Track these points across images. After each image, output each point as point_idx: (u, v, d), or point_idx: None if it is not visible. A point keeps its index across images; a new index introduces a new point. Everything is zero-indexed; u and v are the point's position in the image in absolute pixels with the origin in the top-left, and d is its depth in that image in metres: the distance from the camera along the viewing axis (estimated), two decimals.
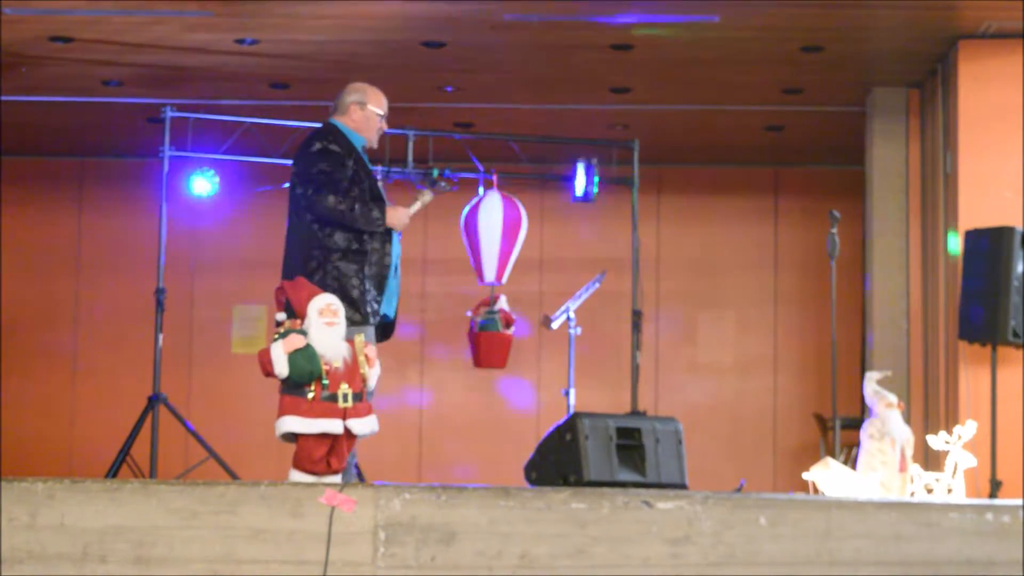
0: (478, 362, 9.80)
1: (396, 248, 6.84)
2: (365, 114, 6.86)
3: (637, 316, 9.22)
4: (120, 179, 13.04)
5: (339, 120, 6.88)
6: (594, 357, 12.00)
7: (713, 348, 13.01)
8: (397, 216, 6.78)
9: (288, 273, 6.71)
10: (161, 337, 8.87)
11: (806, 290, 12.81)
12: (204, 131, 9.79)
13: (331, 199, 6.61)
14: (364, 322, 6.63)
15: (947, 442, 7.16)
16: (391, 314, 6.86)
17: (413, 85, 10.35)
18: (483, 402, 12.92)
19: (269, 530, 4.85)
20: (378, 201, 6.77)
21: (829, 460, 6.97)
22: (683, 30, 9.26)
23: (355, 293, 6.62)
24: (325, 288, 6.56)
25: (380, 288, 6.72)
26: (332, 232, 6.66)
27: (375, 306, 6.69)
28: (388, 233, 6.75)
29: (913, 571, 4.88)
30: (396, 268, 6.83)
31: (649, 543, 4.87)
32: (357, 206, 6.64)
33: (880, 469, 6.81)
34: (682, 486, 6.22)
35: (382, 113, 6.91)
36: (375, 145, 6.93)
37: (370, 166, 6.91)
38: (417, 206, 6.92)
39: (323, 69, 10.19)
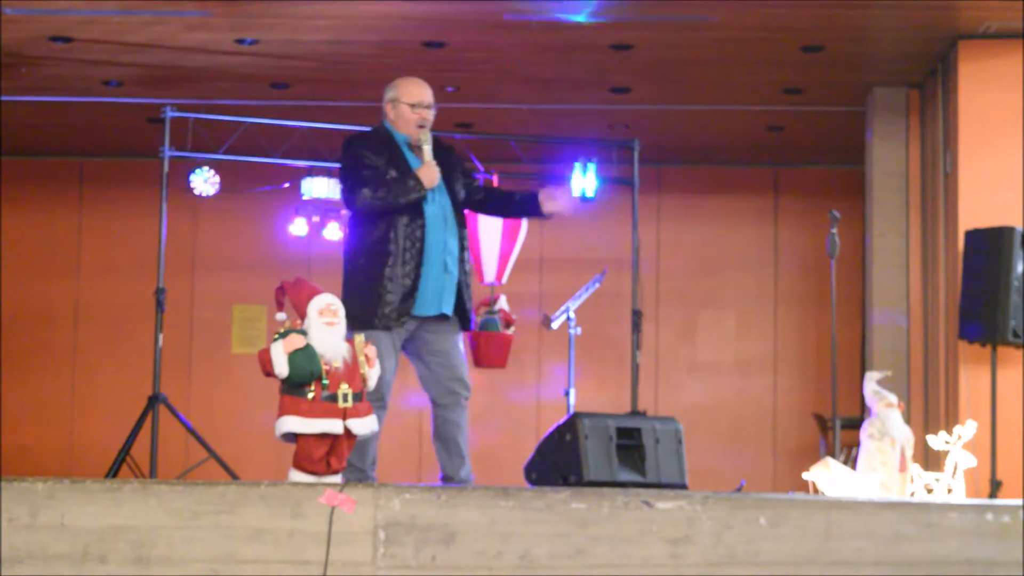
0: (478, 362, 9.80)
1: (436, 243, 6.65)
2: (398, 110, 6.79)
3: (637, 316, 9.21)
4: (120, 179, 13.04)
5: (385, 120, 6.84)
6: (594, 357, 12.00)
7: (713, 348, 13.01)
8: (427, 172, 6.66)
9: (344, 278, 6.71)
10: (161, 337, 8.86)
11: (806, 290, 12.81)
12: (204, 131, 9.78)
13: (366, 192, 6.56)
14: (376, 327, 6.51)
15: (947, 442, 7.15)
16: (448, 311, 6.68)
17: None
18: (483, 402, 12.92)
19: (269, 530, 4.85)
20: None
21: (829, 460, 6.97)
22: (683, 30, 9.26)
23: (372, 294, 6.52)
24: (353, 289, 6.55)
25: (412, 288, 6.56)
26: (363, 233, 6.61)
27: (391, 310, 6.53)
28: (422, 230, 6.62)
29: (913, 571, 4.88)
30: (445, 265, 6.66)
31: (649, 543, 4.87)
32: (392, 186, 6.58)
33: (880, 469, 6.81)
34: (682, 486, 6.22)
35: (413, 103, 6.80)
36: (419, 139, 6.74)
37: (411, 162, 6.77)
38: (426, 149, 6.80)
39: (323, 69, 10.20)
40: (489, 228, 10.03)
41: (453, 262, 6.70)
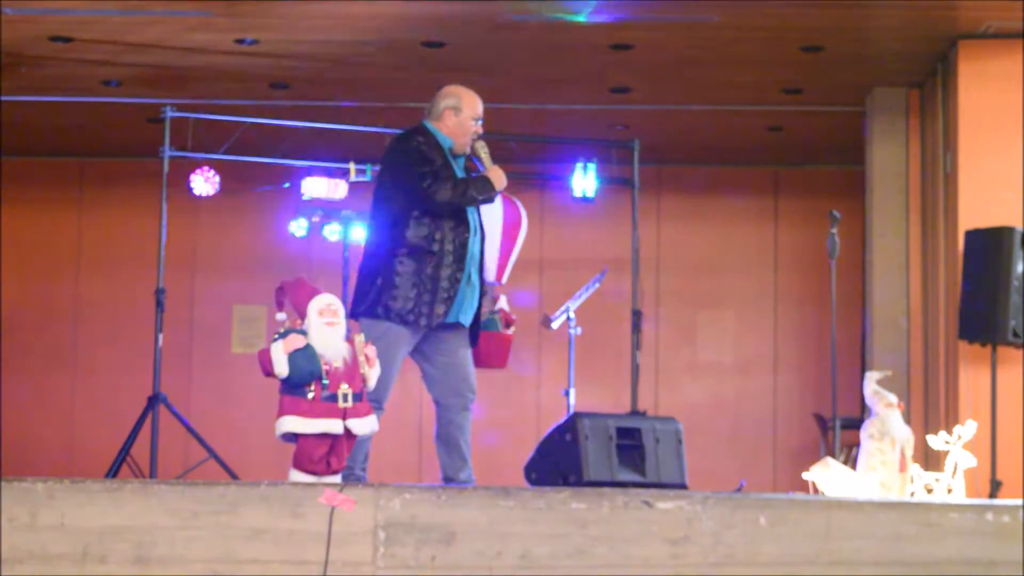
0: (478, 362, 9.76)
1: (471, 252, 6.65)
2: (459, 120, 6.73)
3: (637, 316, 9.22)
4: (120, 179, 13.04)
5: (432, 124, 6.75)
6: (594, 357, 12.00)
7: (713, 348, 13.01)
8: (497, 175, 6.67)
9: (360, 273, 6.67)
10: (161, 337, 8.86)
11: (806, 290, 12.81)
12: (204, 131, 9.78)
13: (448, 185, 6.53)
14: (406, 324, 6.51)
15: (947, 442, 7.15)
16: (466, 322, 6.69)
17: (413, 85, 10.35)
18: (483, 402, 12.90)
19: (269, 530, 4.85)
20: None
21: (829, 460, 6.97)
22: (683, 30, 9.26)
23: (412, 291, 6.49)
24: (386, 286, 6.52)
25: (451, 294, 6.55)
26: (406, 230, 6.57)
27: (429, 311, 6.52)
28: (465, 236, 6.61)
29: (913, 571, 4.88)
30: (469, 275, 6.65)
31: (649, 543, 4.87)
32: (471, 184, 6.58)
33: (880, 469, 6.81)
34: (682, 486, 6.22)
35: (476, 117, 6.77)
36: (466, 150, 6.75)
37: (455, 168, 6.75)
38: (485, 156, 6.78)
39: (323, 69, 10.19)
40: (489, 228, 10.01)
41: (476, 273, 6.71)
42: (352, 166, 10.13)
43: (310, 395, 5.49)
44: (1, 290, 12.83)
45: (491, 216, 9.69)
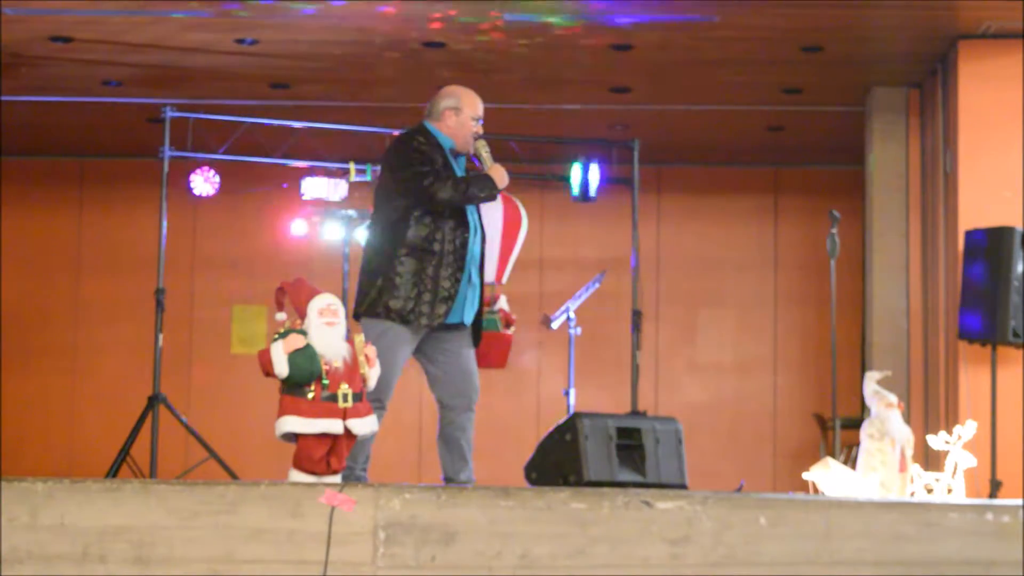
0: (478, 362, 9.80)
1: (471, 252, 6.65)
2: (460, 119, 6.72)
3: (637, 316, 9.21)
4: (120, 179, 13.05)
5: (432, 124, 6.74)
6: (594, 357, 12.00)
7: (713, 348, 13.01)
8: (499, 173, 6.66)
9: (362, 273, 6.67)
10: (161, 337, 8.87)
11: (806, 290, 12.81)
12: (204, 131, 9.78)
13: (449, 184, 6.52)
14: (407, 323, 6.51)
15: (947, 442, 7.16)
16: (468, 322, 6.69)
17: (413, 85, 10.35)
18: (483, 402, 12.89)
19: (269, 530, 4.84)
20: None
21: (829, 460, 6.97)
22: (683, 30, 9.26)
23: (412, 291, 6.48)
24: (387, 285, 6.52)
25: (452, 294, 6.55)
26: (407, 229, 6.57)
27: (429, 310, 6.51)
28: (464, 236, 6.61)
29: (913, 571, 4.87)
30: (470, 275, 6.64)
31: (649, 543, 4.87)
32: (473, 182, 6.58)
33: (880, 469, 6.81)
34: (682, 486, 6.22)
35: (476, 117, 6.76)
36: (468, 150, 6.75)
37: (455, 168, 6.75)
38: (485, 155, 6.78)
39: (323, 69, 10.20)
40: (489, 228, 10.01)
41: (477, 272, 6.71)
42: (352, 166, 10.14)
43: (310, 395, 5.49)
44: (1, 290, 12.83)
45: (491, 216, 9.72)
